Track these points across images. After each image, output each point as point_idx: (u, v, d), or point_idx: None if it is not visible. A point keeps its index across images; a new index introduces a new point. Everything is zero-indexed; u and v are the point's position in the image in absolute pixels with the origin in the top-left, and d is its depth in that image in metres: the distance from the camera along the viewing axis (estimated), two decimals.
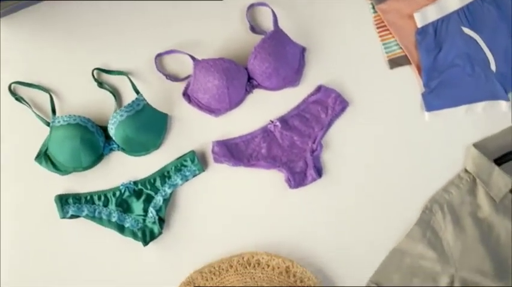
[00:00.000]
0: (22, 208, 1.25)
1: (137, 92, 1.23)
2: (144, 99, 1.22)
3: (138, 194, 1.25)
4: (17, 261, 1.25)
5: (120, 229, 1.24)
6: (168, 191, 1.24)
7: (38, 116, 1.25)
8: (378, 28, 1.30)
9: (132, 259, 1.25)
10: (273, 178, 1.26)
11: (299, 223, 1.26)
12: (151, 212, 1.23)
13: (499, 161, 1.27)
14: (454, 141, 1.27)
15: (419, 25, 1.28)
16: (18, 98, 1.26)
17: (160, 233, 1.23)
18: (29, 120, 1.26)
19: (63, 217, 1.23)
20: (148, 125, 1.22)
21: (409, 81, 1.29)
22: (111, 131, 1.21)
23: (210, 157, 1.25)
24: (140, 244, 1.24)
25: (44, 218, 1.25)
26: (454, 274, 1.24)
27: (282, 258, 1.24)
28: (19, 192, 1.26)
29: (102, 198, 1.24)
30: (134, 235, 1.24)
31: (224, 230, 1.25)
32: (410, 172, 1.27)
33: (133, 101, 1.21)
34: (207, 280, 1.24)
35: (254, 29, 1.28)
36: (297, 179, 1.24)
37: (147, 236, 1.23)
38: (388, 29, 1.30)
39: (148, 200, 1.24)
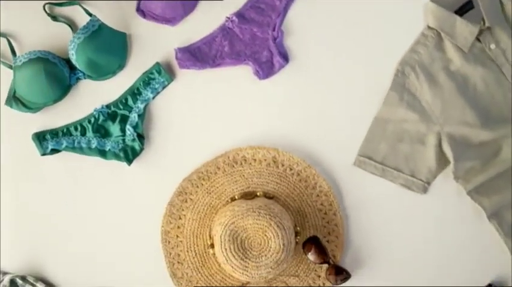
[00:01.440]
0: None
1: (90, 15, 1.23)
2: (99, 20, 1.22)
3: (112, 116, 1.25)
4: (7, 207, 1.25)
5: (102, 153, 1.24)
6: (141, 106, 1.24)
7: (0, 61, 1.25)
8: None
9: (120, 182, 1.25)
10: (241, 74, 1.26)
11: (277, 113, 1.26)
12: (129, 129, 1.23)
13: (460, 12, 1.26)
14: (412, 1, 1.27)
15: None
16: None
17: (141, 149, 1.23)
18: None
19: (44, 153, 1.23)
20: (108, 45, 1.22)
21: None
22: (73, 58, 1.21)
23: (176, 66, 1.25)
24: (125, 165, 1.24)
25: (25, 159, 1.25)
26: (439, 131, 1.24)
27: (267, 148, 1.24)
28: None
29: (79, 128, 1.24)
30: (117, 156, 1.24)
31: (205, 135, 1.26)
32: (375, 40, 1.26)
33: (87, 23, 1.21)
34: (197, 186, 1.24)
35: None
36: (265, 69, 1.24)
37: (129, 155, 1.24)
38: None
39: (124, 120, 1.24)
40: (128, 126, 1.23)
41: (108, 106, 1.25)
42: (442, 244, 1.26)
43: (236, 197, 1.23)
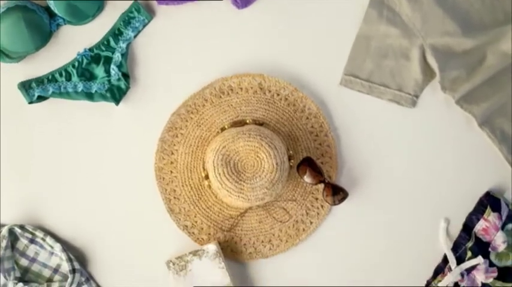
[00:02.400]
0: None
1: None
2: None
3: (96, 59, 1.25)
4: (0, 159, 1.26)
5: (89, 96, 1.24)
6: (124, 46, 1.24)
7: None
8: None
9: (109, 123, 1.25)
10: (220, 6, 1.26)
11: (259, 40, 1.26)
12: (113, 69, 1.23)
13: None
14: None
15: None
16: None
17: (128, 87, 1.23)
18: None
19: (31, 101, 1.23)
20: None
21: None
22: (51, 4, 1.21)
23: (155, 3, 1.25)
24: (114, 106, 1.24)
25: (11, 109, 1.25)
26: (422, 44, 1.24)
27: (252, 75, 1.24)
28: None
29: (64, 73, 1.24)
30: (104, 97, 1.24)
31: (189, 68, 1.25)
32: None
33: None
34: (186, 120, 1.24)
35: None
36: None
37: (116, 94, 1.24)
38: None
39: (108, 61, 1.24)
40: (112, 67, 1.24)
41: (90, 49, 1.25)
42: (436, 156, 1.26)
43: (226, 127, 1.23)
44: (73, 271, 1.21)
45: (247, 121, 1.23)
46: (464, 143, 1.26)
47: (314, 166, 1.21)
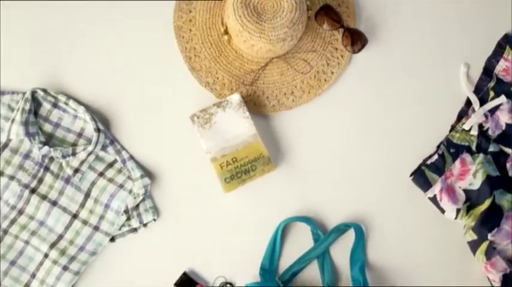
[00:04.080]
0: None
1: None
2: None
3: None
4: (19, 28, 1.26)
5: None
6: None
7: None
8: None
9: None
10: None
11: None
12: None
13: None
14: None
15: None
16: None
17: None
18: None
19: None
20: None
21: None
22: None
23: None
24: None
25: None
26: None
27: None
28: None
29: None
30: None
31: None
32: None
33: None
34: None
35: None
36: None
37: None
38: None
39: None
40: None
41: None
42: (453, 1, 1.27)
43: None
44: (98, 130, 1.20)
45: None
46: None
47: (332, 13, 1.22)
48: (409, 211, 1.23)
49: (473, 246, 1.21)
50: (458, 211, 1.21)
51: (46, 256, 1.20)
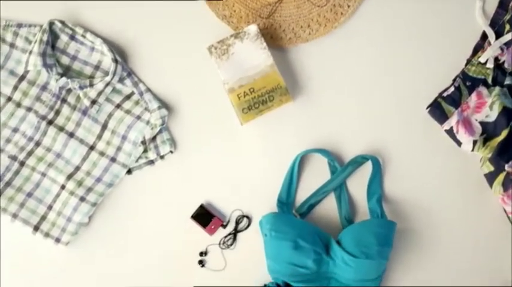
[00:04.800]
0: None
1: None
2: None
3: None
4: None
5: None
6: None
7: None
8: None
9: None
10: None
11: None
12: None
13: None
14: None
15: None
16: None
17: None
18: None
19: None
20: None
21: None
22: None
23: None
24: None
25: None
26: None
27: None
28: None
29: None
30: None
31: None
32: None
33: None
34: None
35: None
36: None
37: None
38: None
39: None
40: None
41: None
42: None
43: None
44: (115, 60, 1.21)
45: None
46: None
47: None
48: (425, 144, 1.24)
49: (490, 178, 1.21)
50: (475, 142, 1.21)
51: (63, 187, 1.21)
